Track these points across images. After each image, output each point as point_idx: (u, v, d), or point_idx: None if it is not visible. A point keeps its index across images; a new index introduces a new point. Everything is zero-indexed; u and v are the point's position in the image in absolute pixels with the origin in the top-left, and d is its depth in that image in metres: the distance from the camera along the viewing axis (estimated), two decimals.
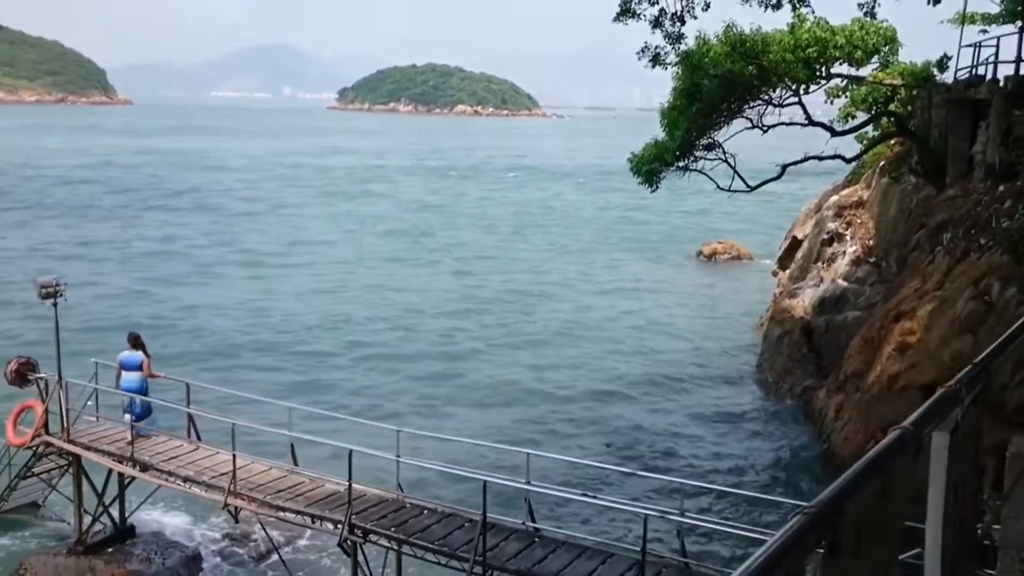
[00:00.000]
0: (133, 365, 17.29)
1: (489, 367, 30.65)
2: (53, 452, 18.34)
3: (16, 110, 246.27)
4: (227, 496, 15.42)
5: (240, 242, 55.51)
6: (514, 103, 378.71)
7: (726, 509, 19.05)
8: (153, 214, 66.35)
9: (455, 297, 41.18)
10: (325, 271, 47.03)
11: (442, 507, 14.85)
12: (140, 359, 17.35)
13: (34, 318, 29.68)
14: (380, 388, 28.41)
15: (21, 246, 51.36)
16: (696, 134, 23.46)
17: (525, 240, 58.70)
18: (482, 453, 19.36)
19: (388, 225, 63.84)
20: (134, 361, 17.33)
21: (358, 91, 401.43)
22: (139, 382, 17.25)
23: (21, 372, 18.22)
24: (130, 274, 44.75)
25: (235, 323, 35.90)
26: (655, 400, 27.70)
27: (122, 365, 17.32)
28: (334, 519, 14.47)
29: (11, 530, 19.07)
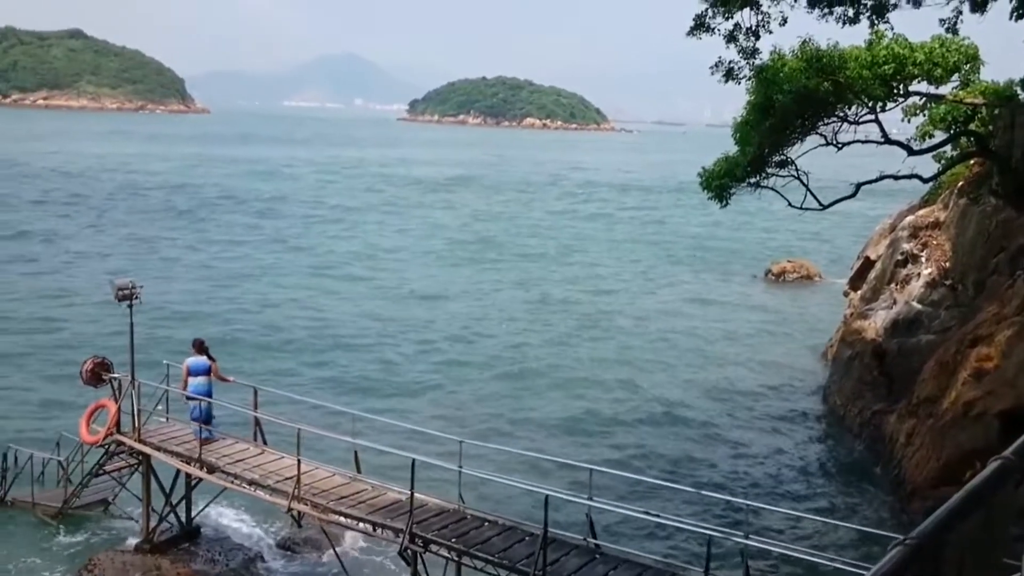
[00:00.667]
0: (201, 370, 17.62)
1: (552, 381, 30.57)
2: (124, 451, 18.71)
3: (98, 117, 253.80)
4: (291, 500, 15.55)
5: (315, 248, 56.36)
6: (583, 117, 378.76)
7: (790, 531, 18.67)
8: (229, 218, 67.71)
9: (521, 309, 41.22)
10: (397, 280, 47.45)
11: (503, 519, 14.77)
12: (207, 363, 17.70)
13: (111, 317, 30.42)
14: (445, 397, 28.55)
15: (104, 248, 52.81)
16: (768, 150, 23.06)
17: (591, 255, 58.49)
18: (544, 467, 19.27)
19: (455, 235, 64.16)
20: (202, 366, 17.66)
21: (428, 103, 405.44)
22: (208, 386, 17.57)
23: (96, 372, 18.65)
24: (204, 279, 45.71)
25: (304, 328, 36.43)
26: (719, 419, 27.32)
27: (190, 370, 17.61)
28: (395, 527, 14.49)
29: (82, 526, 19.53)
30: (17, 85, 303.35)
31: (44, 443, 21.03)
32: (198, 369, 17.62)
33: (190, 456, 17.35)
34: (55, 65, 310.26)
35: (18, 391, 27.59)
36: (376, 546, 17.45)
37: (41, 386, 27.95)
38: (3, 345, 32.37)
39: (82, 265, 47.87)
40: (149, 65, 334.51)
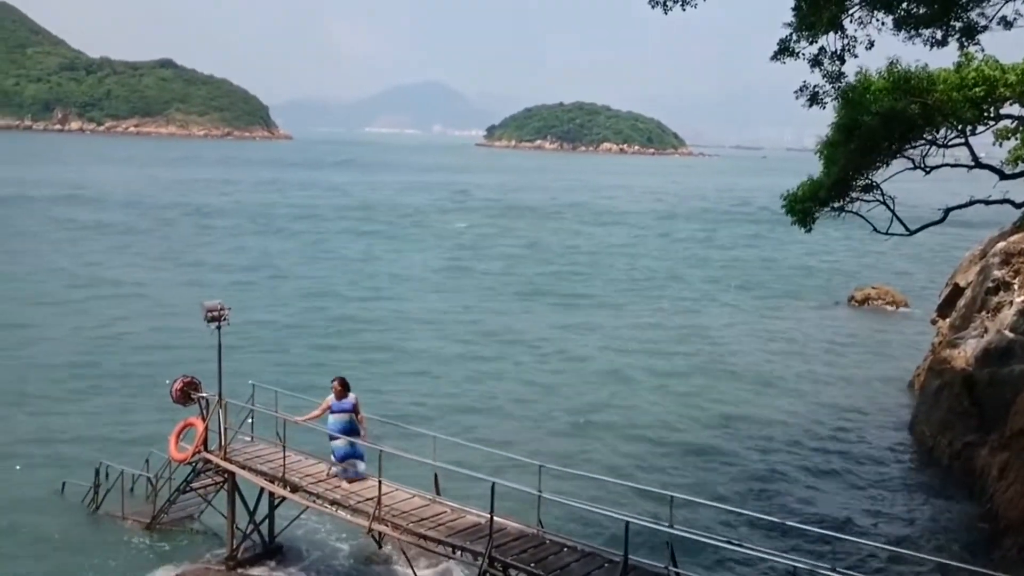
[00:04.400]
0: (344, 408, 17.18)
1: (633, 408, 30.35)
2: (210, 469, 19.14)
3: (186, 144, 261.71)
4: (371, 521, 15.70)
5: (401, 265, 57.15)
6: (660, 142, 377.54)
7: (878, 564, 18.16)
8: (323, 241, 69.11)
9: (601, 337, 41.05)
10: (478, 304, 47.79)
11: (582, 545, 14.69)
12: (351, 402, 17.25)
13: (201, 336, 31.18)
14: (526, 421, 28.59)
15: (207, 266, 54.39)
16: (853, 173, 22.68)
17: (677, 281, 58.02)
18: (624, 493, 19.13)
19: (535, 265, 64.42)
20: (345, 404, 17.21)
21: (505, 128, 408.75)
22: (350, 424, 17.14)
23: (185, 391, 19.16)
24: (296, 300, 46.76)
25: (390, 349, 37.02)
26: (803, 447, 26.79)
27: (331, 407, 17.18)
28: (475, 550, 14.52)
29: (169, 541, 20.00)
30: (111, 113, 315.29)
31: (134, 459, 21.63)
32: (341, 407, 17.17)
33: (274, 475, 17.65)
34: (146, 94, 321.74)
35: (111, 408, 28.49)
36: (455, 568, 17.50)
37: (133, 403, 28.81)
38: (99, 363, 33.49)
39: (175, 285, 49.38)
40: (235, 93, 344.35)
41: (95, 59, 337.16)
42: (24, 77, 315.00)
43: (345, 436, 16.96)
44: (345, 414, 17.12)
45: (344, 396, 17.20)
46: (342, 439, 16.93)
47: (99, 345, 36.23)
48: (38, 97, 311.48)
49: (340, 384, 17.28)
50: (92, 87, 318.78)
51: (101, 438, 25.32)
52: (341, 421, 17.07)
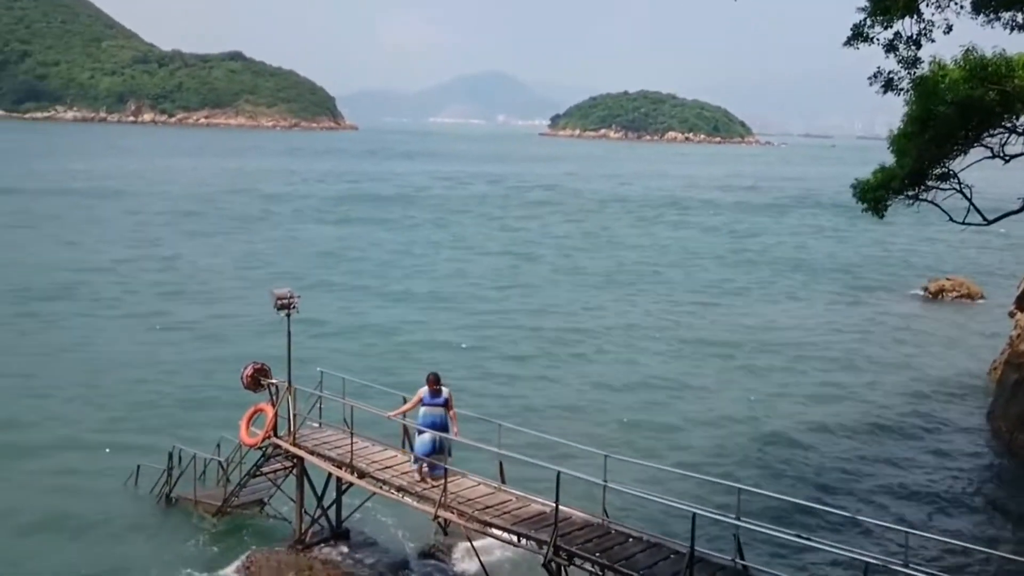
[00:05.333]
0: (437, 401, 16.89)
1: (702, 400, 30.13)
2: (280, 454, 19.43)
3: (255, 134, 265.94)
4: (437, 508, 15.80)
5: (476, 248, 57.48)
6: (726, 131, 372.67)
7: (952, 560, 17.76)
8: (394, 233, 69.79)
9: (667, 328, 40.78)
10: (549, 296, 47.84)
11: (647, 535, 14.60)
12: (444, 397, 16.92)
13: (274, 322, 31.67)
14: (592, 410, 28.57)
15: (287, 257, 55.32)
16: (928, 162, 22.10)
17: (743, 271, 57.34)
18: (690, 484, 18.98)
19: (599, 255, 64.19)
20: (438, 398, 16.91)
21: (570, 118, 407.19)
22: (443, 418, 16.83)
23: (255, 377, 19.47)
24: (373, 289, 47.37)
25: (463, 336, 37.23)
26: (876, 441, 26.35)
27: (423, 400, 16.88)
28: (539, 539, 14.53)
29: (239, 524, 20.44)
30: (182, 105, 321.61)
31: (206, 444, 22.10)
32: (433, 401, 16.83)
33: (341, 461, 17.86)
34: (216, 86, 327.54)
35: (184, 393, 29.18)
36: (520, 557, 17.54)
37: (205, 389, 29.46)
38: (173, 349, 34.31)
39: (248, 273, 50.31)
40: (302, 84, 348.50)
41: (167, 52, 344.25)
42: (99, 70, 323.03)
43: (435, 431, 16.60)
44: (437, 408, 16.78)
45: (437, 391, 16.83)
46: (431, 433, 16.58)
47: (172, 332, 37.09)
48: (112, 90, 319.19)
49: (434, 379, 16.89)
50: (164, 79, 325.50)
51: (174, 423, 25.95)
52: (432, 415, 16.74)
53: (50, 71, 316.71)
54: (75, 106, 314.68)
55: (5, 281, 45.65)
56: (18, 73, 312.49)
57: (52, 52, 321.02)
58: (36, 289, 44.10)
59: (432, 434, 16.56)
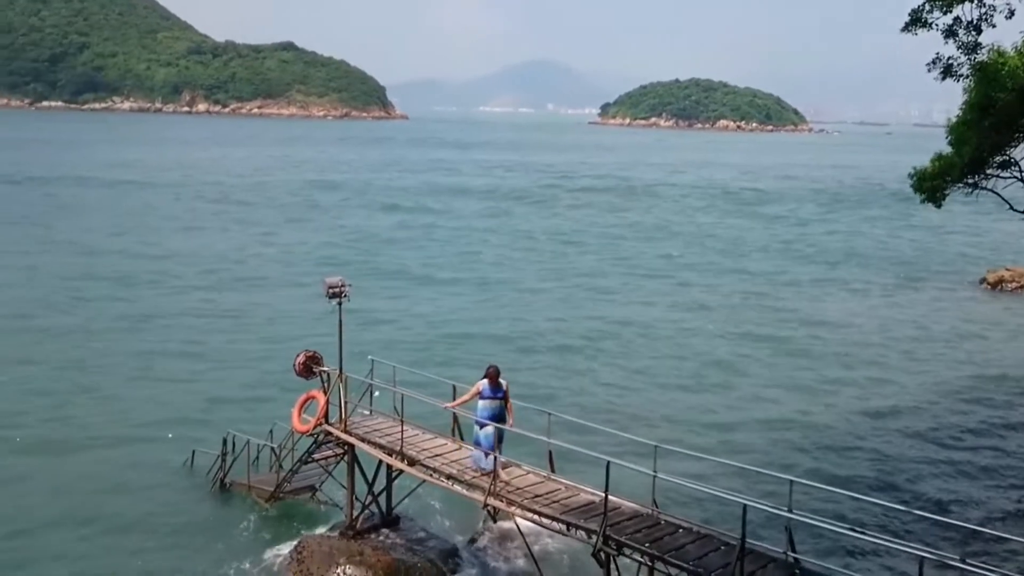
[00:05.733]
0: (497, 395, 16.62)
1: (753, 391, 29.87)
2: (331, 441, 19.62)
3: (306, 124, 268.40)
4: (487, 496, 15.83)
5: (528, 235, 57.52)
6: (779, 118, 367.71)
7: (1008, 558, 17.39)
8: (445, 221, 70.11)
9: (719, 319, 40.45)
10: (592, 282, 47.72)
11: (697, 527, 14.51)
12: (502, 391, 16.68)
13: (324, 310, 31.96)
14: (642, 399, 28.47)
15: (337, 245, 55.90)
16: (988, 150, 21.64)
17: (795, 262, 56.63)
18: (741, 475, 18.83)
19: (648, 245, 63.84)
20: (498, 392, 16.65)
21: (620, 106, 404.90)
22: (499, 410, 16.59)
23: (308, 365, 19.65)
24: (422, 278, 47.67)
25: (510, 325, 37.39)
26: (932, 435, 25.89)
27: (481, 393, 16.61)
28: (589, 528, 14.50)
29: (291, 510, 20.76)
30: (235, 95, 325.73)
31: (259, 430, 22.43)
32: (492, 394, 16.56)
33: (392, 448, 17.97)
34: (268, 76, 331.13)
35: (237, 380, 29.63)
36: (569, 546, 17.57)
37: (258, 376, 29.90)
38: (226, 337, 34.84)
39: (301, 261, 50.89)
40: (353, 74, 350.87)
41: (220, 43, 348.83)
42: (155, 61, 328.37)
43: (494, 424, 16.38)
44: (496, 401, 16.54)
45: (497, 383, 16.59)
46: (491, 426, 16.36)
47: (224, 319, 37.66)
48: (168, 80, 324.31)
49: (495, 372, 16.60)
50: (218, 70, 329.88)
51: (228, 409, 26.38)
52: (491, 408, 16.51)
53: (107, 63, 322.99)
54: (131, 97, 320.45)
55: (61, 269, 46.70)
56: (77, 65, 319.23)
57: (109, 44, 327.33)
58: (90, 276, 45.06)
59: (496, 428, 16.35)
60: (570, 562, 17.74)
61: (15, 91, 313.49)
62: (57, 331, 34.88)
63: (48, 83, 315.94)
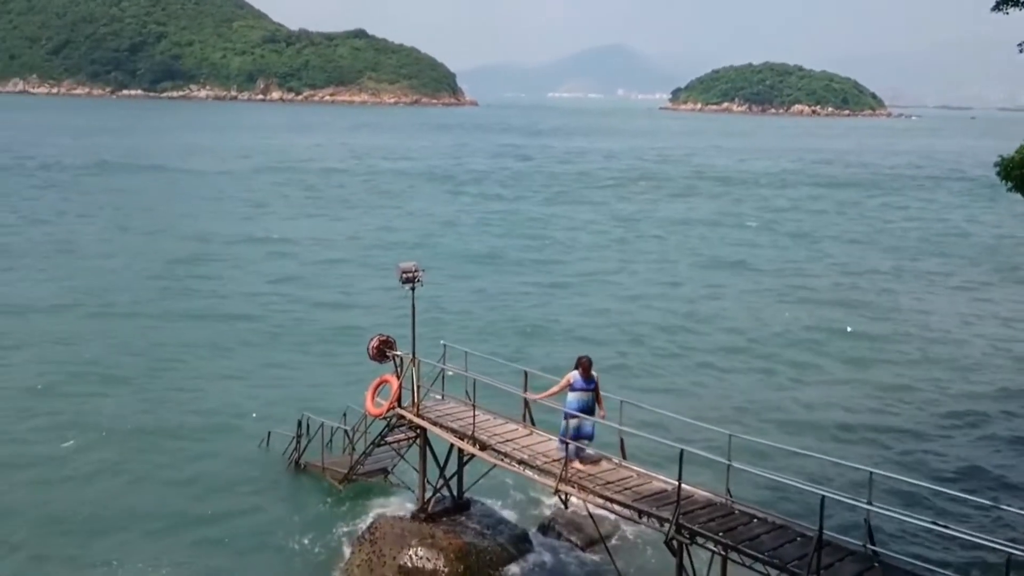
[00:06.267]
0: (589, 387, 16.32)
1: (830, 384, 29.33)
2: (403, 425, 19.78)
3: (378, 111, 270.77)
4: (558, 482, 15.77)
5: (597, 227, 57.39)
6: (856, 103, 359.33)
7: None
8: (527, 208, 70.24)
9: (794, 308, 39.80)
10: (667, 273, 47.36)
11: (772, 517, 14.28)
12: (593, 382, 16.37)
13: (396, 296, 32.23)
14: (717, 388, 28.20)
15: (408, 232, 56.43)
16: None
17: (874, 256, 55.21)
18: (818, 466, 18.51)
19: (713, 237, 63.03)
20: (589, 384, 16.33)
21: (691, 91, 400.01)
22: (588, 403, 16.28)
23: (381, 349, 19.82)
24: (492, 264, 47.73)
25: (579, 311, 37.25)
26: (1018, 433, 25.04)
27: (572, 385, 16.28)
28: (661, 516, 14.38)
29: (364, 492, 21.03)
30: (308, 83, 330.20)
31: (333, 413, 22.76)
32: (584, 385, 16.26)
33: (464, 433, 18.04)
34: (341, 63, 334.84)
35: (313, 363, 30.13)
36: (640, 534, 17.49)
37: (332, 359, 30.34)
38: (303, 321, 35.42)
39: (376, 247, 51.45)
40: (423, 61, 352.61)
41: (294, 31, 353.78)
42: (230, 50, 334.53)
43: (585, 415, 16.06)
44: (587, 393, 16.23)
45: (589, 375, 16.27)
46: (580, 417, 16.00)
47: (298, 303, 38.27)
48: (243, 69, 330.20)
49: (588, 363, 16.29)
50: (291, 58, 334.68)
51: (303, 391, 26.82)
52: (582, 400, 16.18)
53: (184, 51, 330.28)
54: (208, 85, 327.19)
55: (136, 254, 47.93)
56: (155, 54, 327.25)
57: (186, 33, 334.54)
58: (166, 261, 46.18)
59: (588, 419, 16.06)
60: (642, 550, 17.66)
61: (97, 80, 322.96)
62: (137, 315, 35.81)
63: (128, 72, 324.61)
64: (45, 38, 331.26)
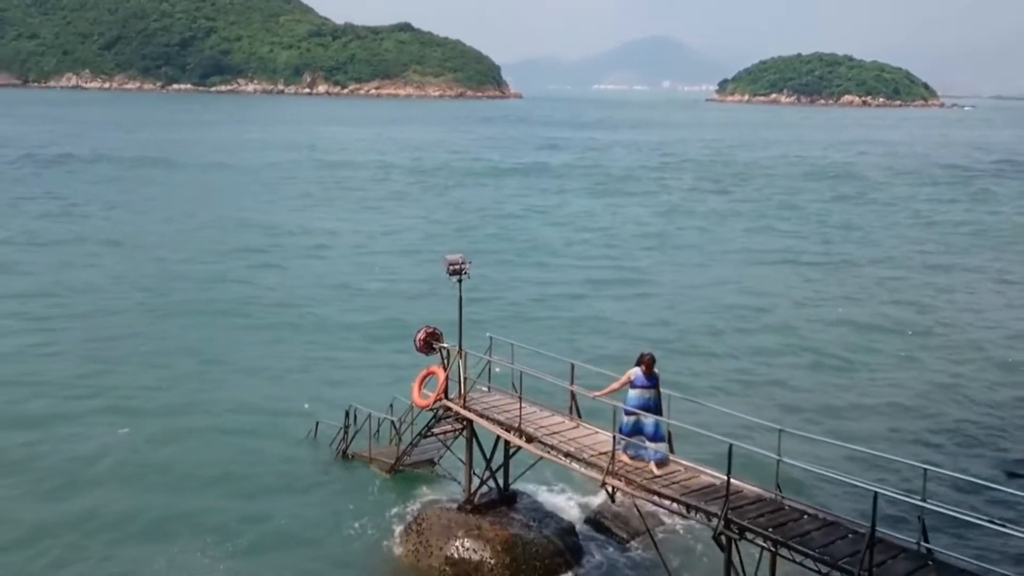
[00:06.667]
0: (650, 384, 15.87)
1: (881, 377, 28.89)
2: (450, 416, 19.83)
3: (423, 104, 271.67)
4: (605, 476, 15.67)
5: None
6: (908, 93, 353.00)
7: None
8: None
9: (852, 303, 39.23)
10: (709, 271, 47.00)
11: (823, 513, 14.08)
12: (656, 379, 15.95)
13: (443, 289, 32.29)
14: (765, 382, 27.93)
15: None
16: None
17: (929, 248, 54.22)
18: (870, 462, 18.23)
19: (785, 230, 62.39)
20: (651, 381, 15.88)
21: (738, 82, 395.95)
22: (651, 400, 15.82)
23: (428, 341, 19.88)
24: (536, 257, 47.70)
25: (624, 305, 37.04)
26: None
27: (633, 382, 15.86)
28: (710, 511, 14.24)
29: (411, 482, 21.14)
30: (354, 76, 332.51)
31: (379, 404, 22.90)
32: (646, 382, 15.82)
33: (510, 424, 18.01)
34: (386, 57, 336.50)
35: (358, 355, 30.33)
36: (689, 528, 17.37)
37: (379, 351, 30.53)
38: (346, 312, 35.68)
39: (424, 239, 51.61)
40: (469, 54, 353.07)
41: (340, 25, 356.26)
42: (278, 44, 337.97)
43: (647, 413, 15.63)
44: (649, 390, 15.80)
45: (651, 371, 15.83)
46: (639, 414, 15.63)
47: (345, 295, 38.55)
48: (289, 63, 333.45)
49: (650, 359, 15.84)
50: (337, 52, 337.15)
51: (349, 383, 27.01)
52: (643, 397, 15.75)
53: (233, 46, 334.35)
54: (255, 79, 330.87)
55: (188, 246, 48.59)
56: (204, 49, 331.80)
57: (235, 28, 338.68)
58: (216, 252, 46.77)
59: (649, 417, 15.69)
60: (689, 545, 17.54)
61: (148, 75, 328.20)
62: (186, 306, 36.30)
63: (178, 66, 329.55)
64: (97, 34, 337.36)
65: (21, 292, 38.09)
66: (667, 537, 17.82)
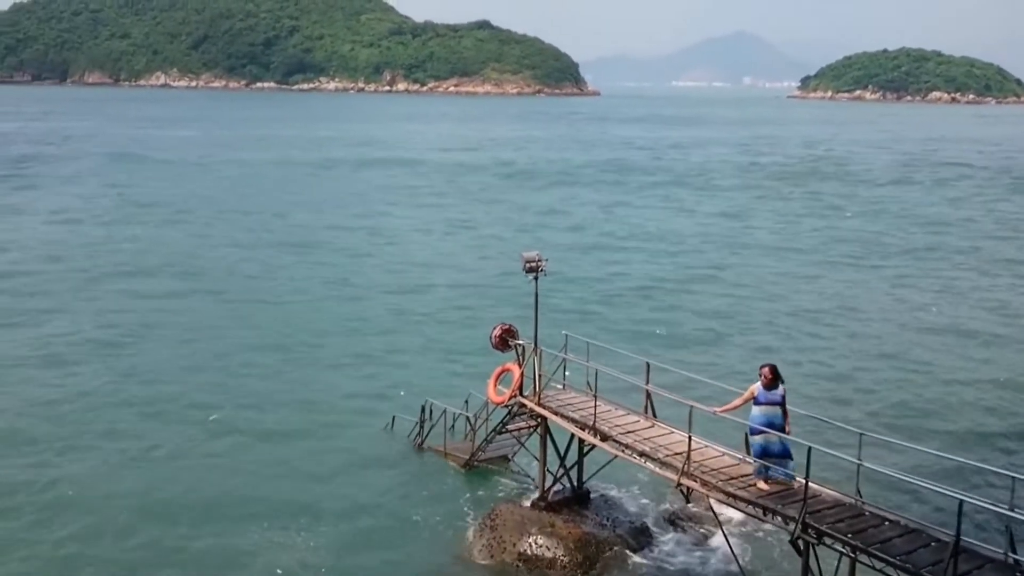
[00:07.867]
0: (775, 400, 15.06)
1: (972, 382, 28.06)
2: (524, 413, 19.90)
3: (501, 101, 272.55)
4: (680, 476, 15.55)
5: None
6: (999, 89, 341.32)
7: None
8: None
9: (916, 309, 38.24)
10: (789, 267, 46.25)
11: (905, 520, 13.76)
12: (780, 394, 15.12)
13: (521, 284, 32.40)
14: (846, 384, 27.36)
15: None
16: None
17: (1005, 251, 52.64)
18: (954, 469, 17.72)
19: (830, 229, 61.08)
20: (774, 396, 15.08)
21: (821, 79, 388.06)
22: (775, 418, 14.97)
23: (503, 338, 19.99)
24: (610, 256, 47.56)
25: (699, 308, 36.77)
26: None
27: (756, 398, 15.07)
28: (787, 515, 14.02)
29: (485, 478, 21.26)
30: (433, 74, 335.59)
31: (455, 399, 23.10)
32: (769, 398, 15.00)
33: (585, 423, 17.99)
34: (464, 55, 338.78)
35: (437, 350, 30.61)
36: (765, 532, 17.13)
37: (456, 346, 30.78)
38: (424, 308, 36.05)
39: (505, 236, 51.87)
40: (546, 51, 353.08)
41: (419, 23, 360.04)
42: (358, 43, 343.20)
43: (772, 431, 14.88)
44: (773, 407, 15.00)
45: (774, 386, 15.08)
46: (767, 433, 14.89)
47: (422, 292, 38.92)
48: (370, 61, 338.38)
49: (771, 372, 15.14)
50: (416, 50, 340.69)
51: (426, 378, 27.28)
52: (767, 414, 14.96)
53: (315, 45, 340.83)
54: (336, 77, 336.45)
55: (261, 243, 49.63)
56: (288, 47, 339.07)
57: (317, 27, 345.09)
58: (291, 249, 47.69)
59: (775, 436, 14.84)
60: (766, 549, 17.27)
61: (233, 73, 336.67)
62: (264, 303, 37.07)
63: (262, 65, 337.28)
64: (185, 34, 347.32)
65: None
66: (742, 541, 17.58)
